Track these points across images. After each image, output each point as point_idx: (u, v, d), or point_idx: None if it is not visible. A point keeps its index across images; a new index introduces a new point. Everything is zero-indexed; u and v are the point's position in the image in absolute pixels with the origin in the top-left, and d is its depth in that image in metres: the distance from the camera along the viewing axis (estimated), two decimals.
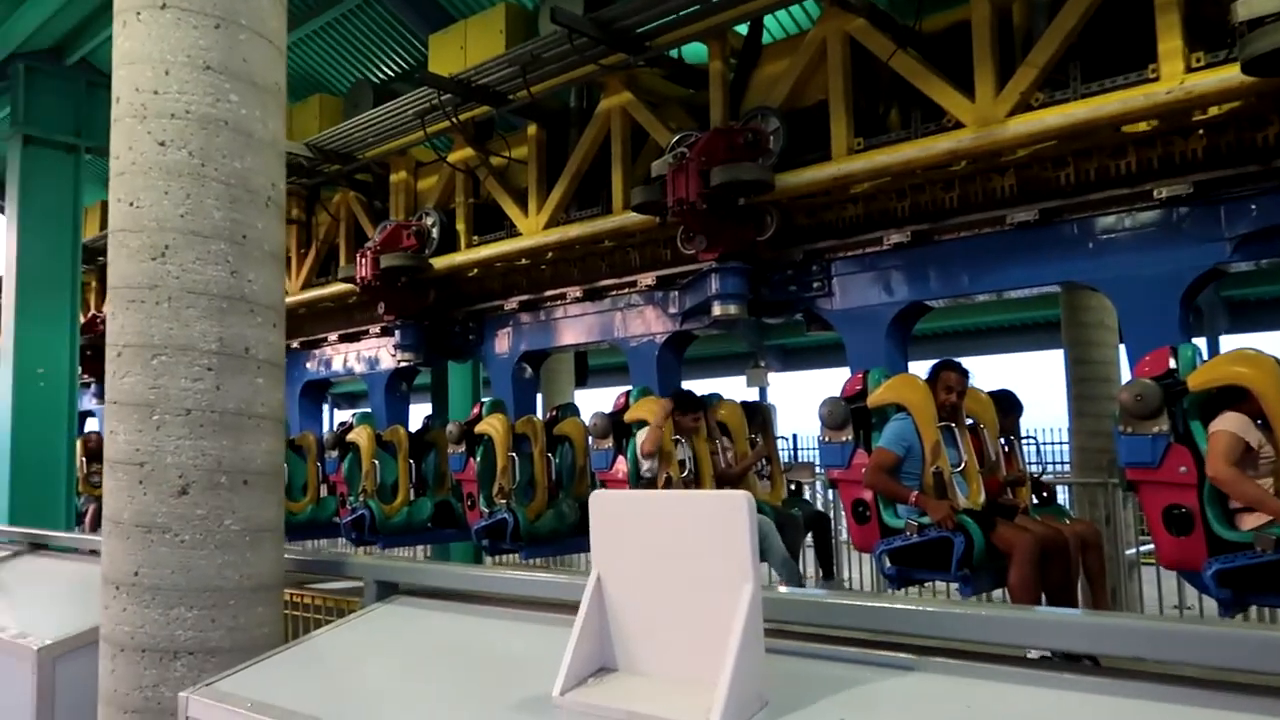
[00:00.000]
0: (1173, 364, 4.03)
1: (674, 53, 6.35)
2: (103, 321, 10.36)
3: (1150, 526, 4.01)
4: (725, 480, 5.86)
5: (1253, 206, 4.30)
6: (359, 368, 8.63)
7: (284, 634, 2.77)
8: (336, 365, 8.84)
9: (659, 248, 6.37)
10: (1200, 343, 5.57)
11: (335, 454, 8.02)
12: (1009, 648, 1.62)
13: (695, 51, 6.51)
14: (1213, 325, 13.19)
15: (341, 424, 8.46)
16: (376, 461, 7.65)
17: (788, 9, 6.94)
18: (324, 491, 8.46)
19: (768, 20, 6.62)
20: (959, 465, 4.69)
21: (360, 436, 7.76)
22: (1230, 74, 3.97)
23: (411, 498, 7.82)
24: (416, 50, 9.79)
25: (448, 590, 2.57)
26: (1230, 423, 3.77)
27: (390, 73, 10.36)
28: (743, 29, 6.16)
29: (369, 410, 8.44)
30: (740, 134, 5.48)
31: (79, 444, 10.03)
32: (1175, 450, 3.88)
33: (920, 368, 5.21)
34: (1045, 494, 5.44)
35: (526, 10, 7.42)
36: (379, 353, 8.38)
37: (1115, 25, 4.58)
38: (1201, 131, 4.42)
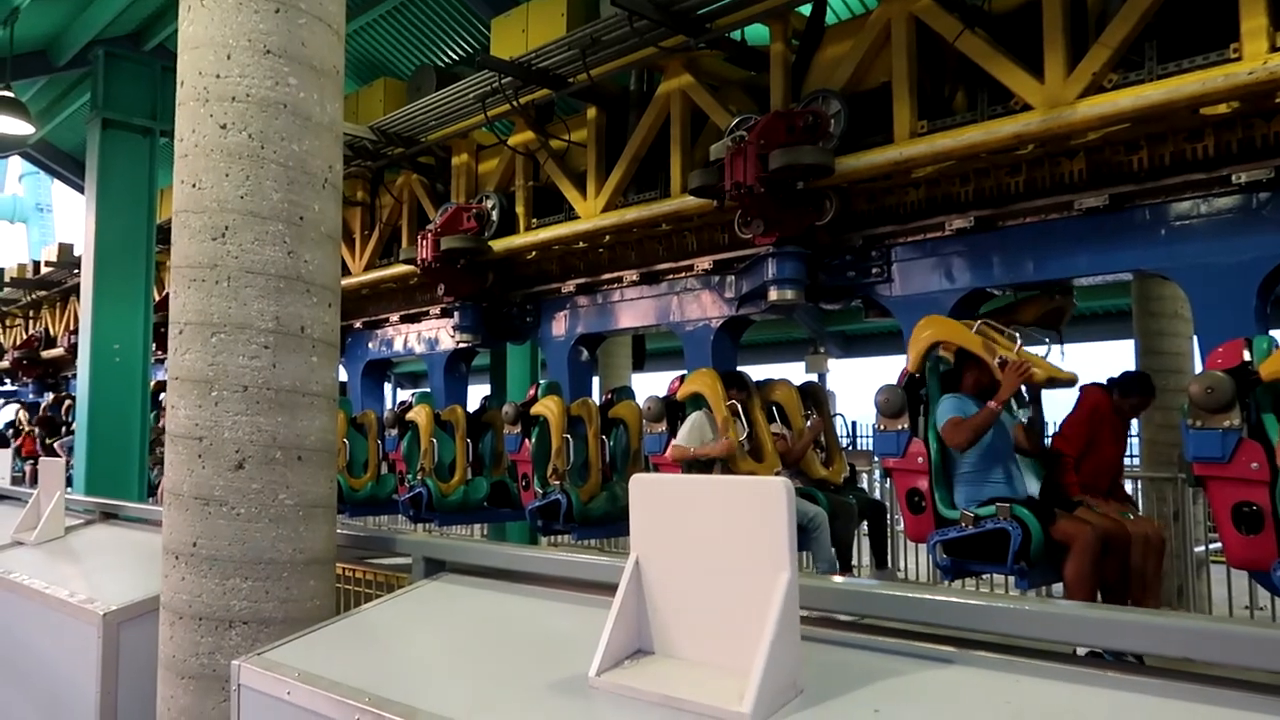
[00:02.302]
0: (1247, 356, 3.88)
1: (735, 34, 6.29)
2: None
3: (1218, 524, 3.88)
4: (787, 460, 5.83)
5: None
6: (419, 348, 8.76)
7: (335, 607, 2.83)
8: (398, 345, 8.99)
9: (716, 231, 6.33)
10: (1278, 335, 5.33)
11: (395, 432, 8.18)
12: (1053, 644, 1.58)
13: (757, 33, 6.43)
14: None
15: (402, 403, 8.62)
16: (435, 440, 7.78)
17: None
18: (384, 469, 8.63)
19: (831, 1, 6.50)
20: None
21: (419, 415, 7.89)
22: None
23: (468, 477, 7.93)
24: (479, 34, 9.86)
25: (492, 569, 2.61)
26: None
27: (454, 56, 10.46)
28: (806, 10, 6.06)
29: (428, 390, 8.58)
30: (800, 117, 5.41)
31: (155, 417, 10.40)
32: (1246, 445, 3.74)
33: None
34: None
35: None
36: (438, 333, 8.50)
37: (1195, 3, 4.41)
38: None
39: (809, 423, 6.15)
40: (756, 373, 6.59)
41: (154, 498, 10.25)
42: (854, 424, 15.10)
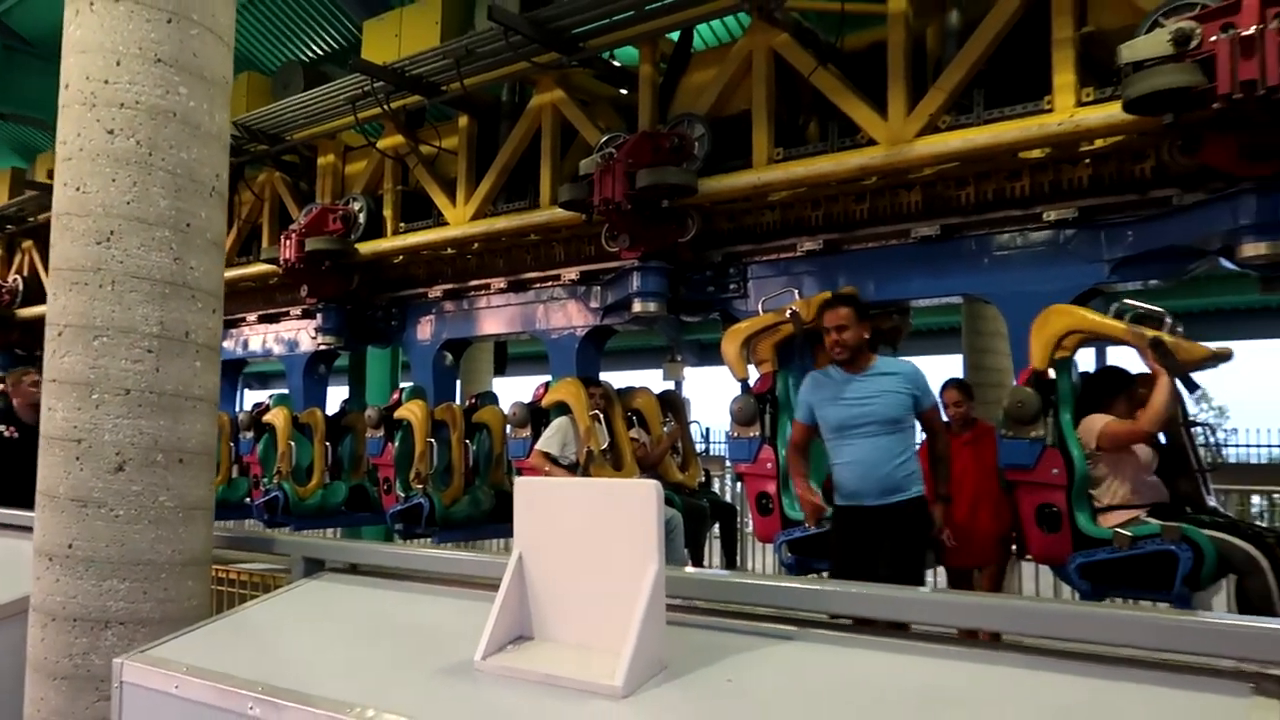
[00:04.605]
0: (1052, 375, 4.39)
1: (606, 54, 6.53)
2: (8, 292, 10.05)
3: (1024, 523, 4.37)
4: (645, 464, 6.10)
5: (1129, 232, 4.70)
6: (278, 349, 8.59)
7: (211, 608, 2.88)
8: (255, 346, 8.78)
9: (584, 243, 6.54)
10: (1089, 352, 6.00)
11: (250, 435, 8.01)
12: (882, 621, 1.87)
13: (627, 54, 6.69)
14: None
15: (257, 405, 8.44)
16: (293, 443, 7.68)
17: (718, 19, 7.17)
18: (235, 472, 8.43)
19: (698, 29, 6.84)
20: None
21: (277, 418, 7.77)
22: (1115, 110, 4.31)
23: (326, 480, 7.87)
24: (348, 32, 9.76)
25: (374, 567, 2.73)
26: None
27: (319, 52, 10.29)
28: (674, 36, 6.36)
29: (286, 392, 8.43)
30: (667, 138, 5.69)
31: None
32: (1049, 453, 4.24)
33: None
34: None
35: (464, 2, 7.49)
36: (299, 335, 8.37)
37: (1018, 57, 4.92)
38: (1088, 161, 4.79)
39: (667, 429, 6.46)
40: (616, 379, 6.85)
41: None
42: (708, 430, 15.63)
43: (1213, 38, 3.82)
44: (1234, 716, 1.35)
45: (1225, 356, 4.07)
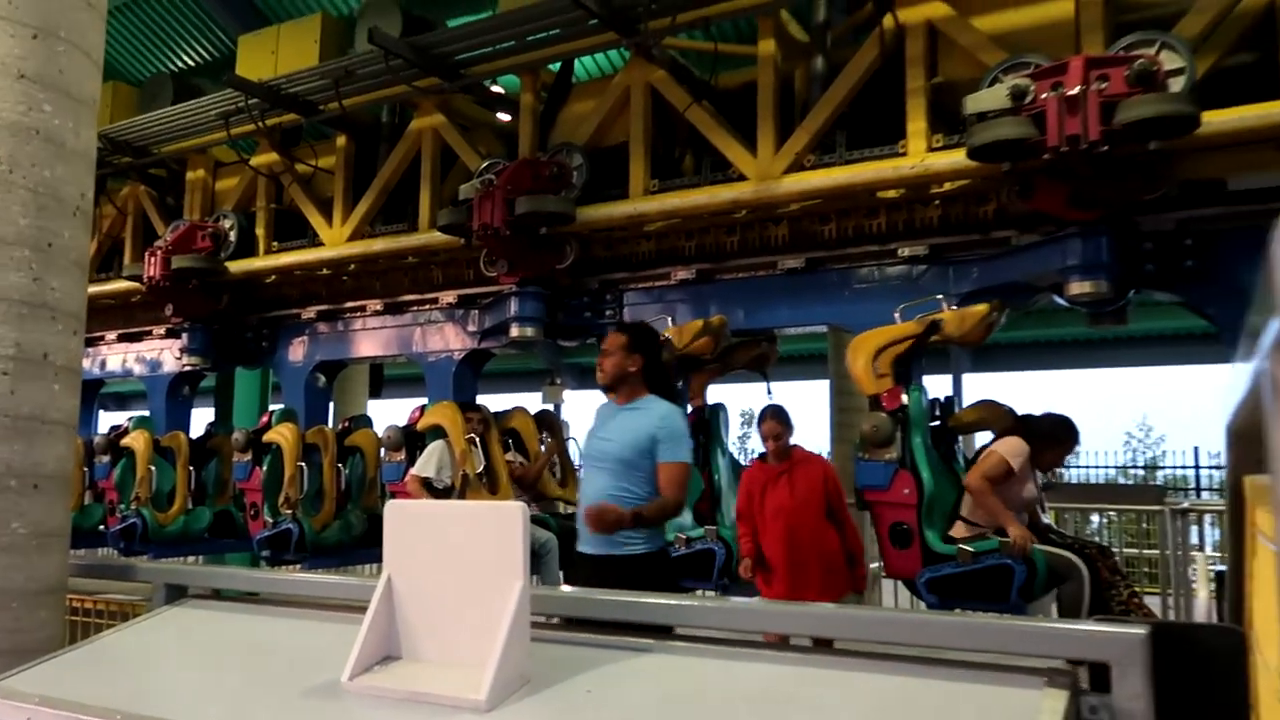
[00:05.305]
0: (904, 400, 4.69)
1: (488, 81, 6.61)
2: None
3: (879, 541, 4.64)
4: (523, 482, 6.14)
5: (974, 269, 5.07)
6: (139, 369, 8.26)
7: (65, 638, 2.80)
8: (113, 365, 8.41)
9: (462, 267, 6.58)
10: (946, 379, 6.42)
11: (107, 459, 7.65)
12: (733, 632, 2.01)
13: (509, 81, 6.79)
14: (957, 365, 14.80)
15: (114, 427, 8.06)
16: (153, 468, 7.38)
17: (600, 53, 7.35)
18: (88, 498, 8.02)
19: (579, 61, 7.00)
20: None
21: (136, 441, 7.45)
22: (961, 157, 4.66)
23: (189, 506, 7.58)
24: (222, 44, 9.52)
25: (239, 593, 2.71)
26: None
27: (190, 64, 9.98)
28: (555, 66, 6.50)
29: (146, 414, 8.10)
30: (546, 166, 5.82)
31: None
32: (901, 475, 4.52)
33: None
34: None
35: (343, 20, 7.45)
36: (162, 355, 8.07)
37: (877, 103, 5.25)
38: (938, 202, 5.15)
39: (544, 447, 6.53)
40: (495, 402, 6.88)
41: None
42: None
43: (1044, 95, 4.20)
44: (1029, 704, 1.54)
45: (999, 309, 4.65)
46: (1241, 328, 0.93)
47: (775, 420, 4.87)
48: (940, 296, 4.88)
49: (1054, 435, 4.62)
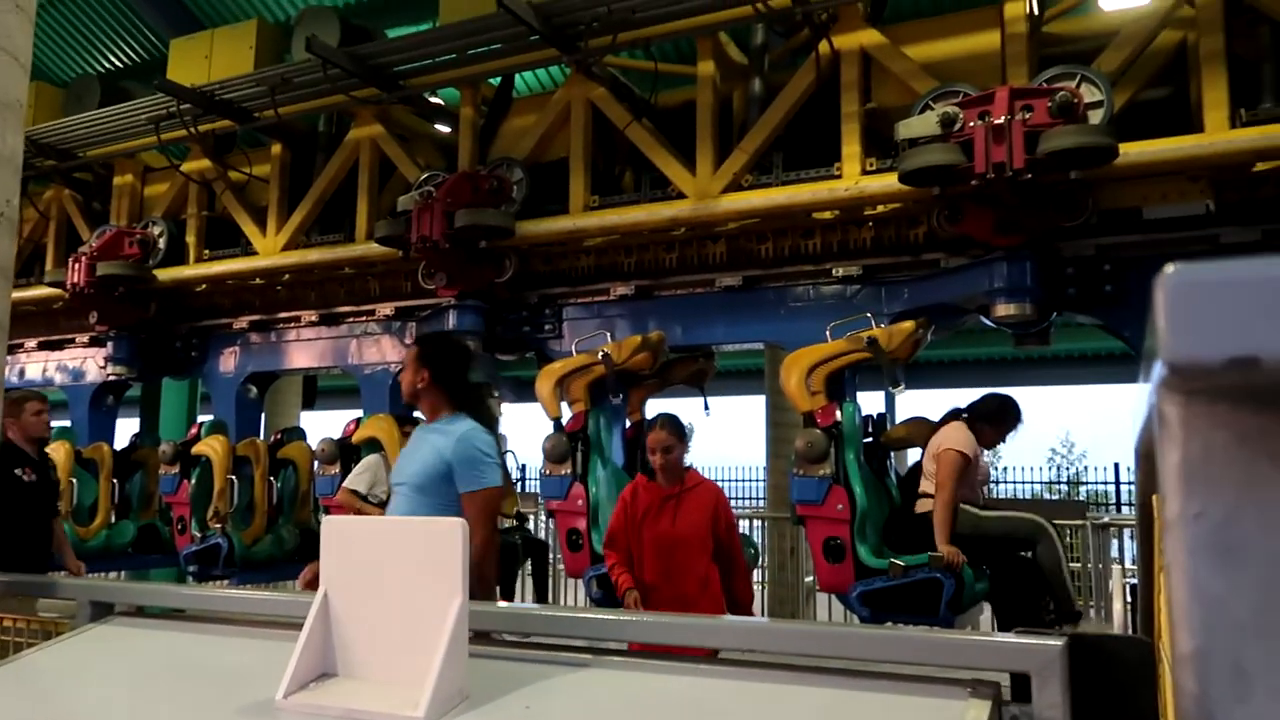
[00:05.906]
0: (838, 416, 4.79)
1: (428, 93, 6.58)
2: None
3: (813, 555, 4.73)
4: None
5: (905, 290, 5.21)
6: (60, 378, 8.00)
7: None
8: (33, 374, 8.13)
9: (400, 279, 6.53)
10: (879, 396, 6.56)
11: None
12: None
13: (449, 94, 6.77)
14: (890, 381, 15.12)
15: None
16: (75, 480, 7.16)
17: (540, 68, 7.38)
18: None
19: (519, 75, 7.01)
20: None
21: (56, 453, 7.21)
22: (893, 180, 4.80)
23: (112, 520, 7.37)
24: (152, 47, 9.31)
25: (168, 610, 2.65)
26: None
27: (118, 66, 9.74)
28: (496, 80, 6.50)
29: (68, 424, 7.85)
30: (486, 180, 5.81)
31: None
32: (835, 490, 4.62)
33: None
34: None
35: (280, 27, 7.35)
36: (86, 364, 7.84)
37: (813, 126, 5.38)
38: (871, 224, 5.28)
39: None
40: None
41: None
42: (524, 465, 15.63)
43: (972, 123, 4.36)
44: (953, 714, 1.60)
45: (925, 325, 4.85)
46: None
47: (666, 430, 4.10)
48: (870, 315, 5.00)
49: (997, 416, 4.82)
